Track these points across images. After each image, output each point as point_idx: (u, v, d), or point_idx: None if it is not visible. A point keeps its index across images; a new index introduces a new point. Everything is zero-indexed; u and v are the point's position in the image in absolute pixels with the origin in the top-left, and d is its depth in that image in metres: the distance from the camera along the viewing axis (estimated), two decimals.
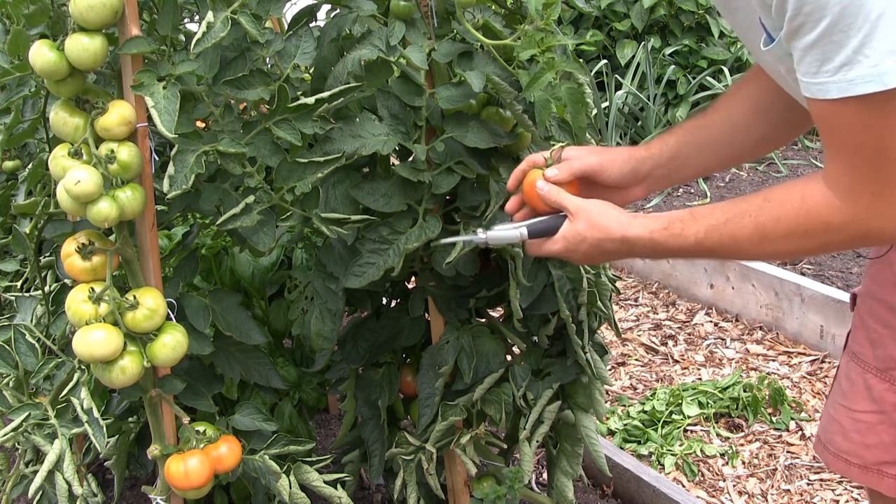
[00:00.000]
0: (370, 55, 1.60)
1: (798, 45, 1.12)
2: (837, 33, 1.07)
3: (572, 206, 1.42)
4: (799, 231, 1.23)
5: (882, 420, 1.47)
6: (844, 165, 1.17)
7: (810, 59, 1.11)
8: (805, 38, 1.10)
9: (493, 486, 1.96)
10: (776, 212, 1.24)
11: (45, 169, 1.92)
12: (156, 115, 1.44)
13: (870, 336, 1.48)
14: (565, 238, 1.42)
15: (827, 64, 1.10)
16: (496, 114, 1.74)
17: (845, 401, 1.52)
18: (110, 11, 1.44)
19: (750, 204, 1.28)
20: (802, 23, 1.09)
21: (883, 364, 1.46)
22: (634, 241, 1.37)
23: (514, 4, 1.74)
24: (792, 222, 1.23)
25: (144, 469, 2.02)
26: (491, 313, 1.95)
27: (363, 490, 2.53)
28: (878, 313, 1.47)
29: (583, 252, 1.42)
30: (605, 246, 1.39)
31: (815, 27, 1.08)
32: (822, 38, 1.09)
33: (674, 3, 5.19)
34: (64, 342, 1.87)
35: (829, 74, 1.10)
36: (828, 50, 1.09)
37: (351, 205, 1.66)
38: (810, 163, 4.76)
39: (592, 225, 1.39)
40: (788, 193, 1.24)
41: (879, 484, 1.49)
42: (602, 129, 4.80)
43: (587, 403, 1.91)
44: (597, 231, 1.39)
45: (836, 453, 1.54)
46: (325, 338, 1.77)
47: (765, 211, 1.25)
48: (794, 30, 1.11)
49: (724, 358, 3.31)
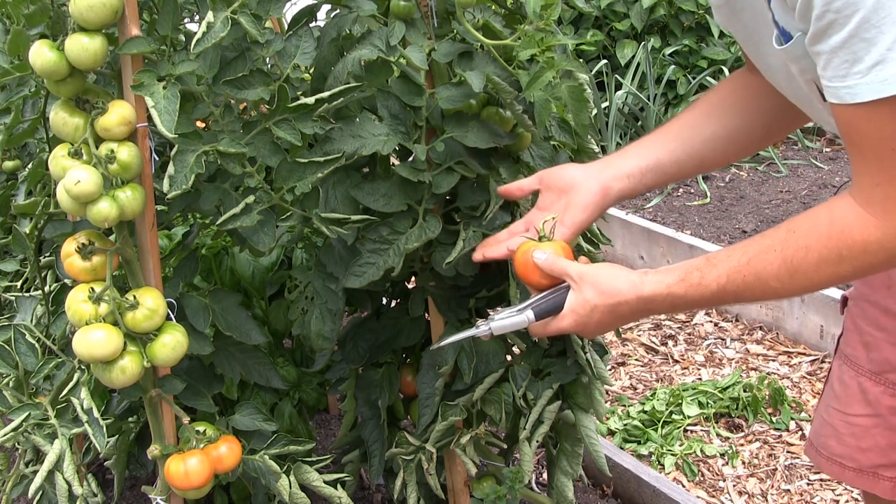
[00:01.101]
0: (370, 55, 1.60)
1: (825, 47, 1.06)
2: (870, 29, 1.01)
3: (576, 274, 1.33)
4: (832, 258, 1.13)
5: (877, 423, 1.46)
6: (878, 176, 1.09)
7: (839, 62, 1.05)
8: (833, 37, 1.04)
9: (493, 486, 1.96)
10: (804, 241, 1.15)
11: (45, 169, 1.91)
12: (156, 115, 1.44)
13: (863, 339, 1.47)
14: (574, 311, 1.32)
15: (857, 65, 1.04)
16: (496, 114, 1.74)
17: (839, 404, 1.51)
18: (110, 11, 1.44)
19: (773, 238, 1.19)
20: (832, 20, 1.04)
21: (878, 367, 1.45)
22: (651, 300, 1.27)
23: (514, 4, 1.74)
24: (823, 248, 1.13)
25: (144, 469, 2.02)
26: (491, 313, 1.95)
27: (363, 490, 2.53)
28: (871, 316, 1.46)
29: (596, 322, 1.31)
30: (619, 310, 1.29)
31: (845, 24, 1.02)
32: (852, 37, 1.03)
33: (674, 3, 5.19)
34: (64, 342, 1.87)
35: (859, 76, 1.04)
36: (858, 49, 1.03)
37: (351, 205, 1.65)
38: (810, 163, 4.75)
39: (601, 291, 1.29)
40: (814, 219, 1.16)
41: (875, 487, 1.49)
42: (602, 129, 4.80)
43: (587, 403, 1.91)
44: (607, 297, 1.29)
45: (830, 457, 1.53)
46: (325, 338, 1.77)
47: (791, 242, 1.16)
48: (822, 30, 1.05)
49: (724, 358, 3.31)
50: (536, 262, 1.37)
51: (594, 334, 1.36)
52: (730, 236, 4.06)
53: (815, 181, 4.56)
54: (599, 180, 1.45)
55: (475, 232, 1.67)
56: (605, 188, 1.45)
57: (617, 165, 1.47)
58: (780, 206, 4.31)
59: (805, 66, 1.15)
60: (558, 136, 1.73)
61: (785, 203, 4.34)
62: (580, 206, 1.44)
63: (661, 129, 1.52)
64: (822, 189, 4.43)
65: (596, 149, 1.77)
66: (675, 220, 4.26)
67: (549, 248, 1.39)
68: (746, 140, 1.50)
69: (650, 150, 1.48)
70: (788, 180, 4.60)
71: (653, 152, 1.48)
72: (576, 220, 1.44)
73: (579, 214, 1.44)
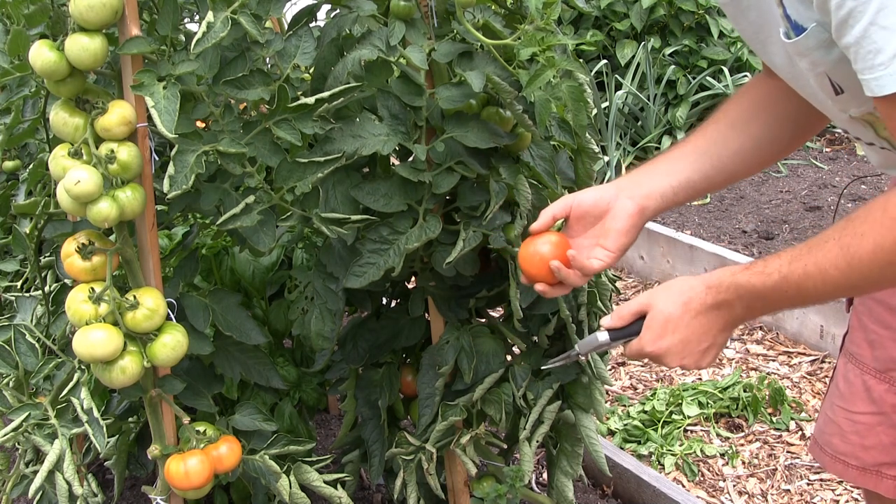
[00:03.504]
0: (370, 55, 1.60)
1: (850, 39, 1.04)
2: (889, 16, 1.00)
3: (644, 298, 1.32)
4: (888, 244, 1.11)
5: (881, 421, 1.46)
6: None
7: (864, 52, 1.03)
8: (856, 27, 1.02)
9: (493, 486, 1.96)
10: (859, 228, 1.14)
11: (45, 169, 1.92)
12: (156, 115, 1.44)
13: (868, 337, 1.48)
14: (647, 327, 1.31)
15: (880, 55, 1.02)
16: (496, 114, 1.74)
17: (843, 402, 1.51)
18: (110, 11, 1.44)
19: (832, 229, 1.19)
20: (851, 8, 1.02)
21: (882, 365, 1.46)
22: (717, 287, 1.26)
23: (514, 4, 1.74)
24: (877, 235, 1.12)
25: (144, 469, 2.02)
26: (491, 313, 1.95)
27: (363, 490, 2.53)
28: (877, 314, 1.46)
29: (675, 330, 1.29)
30: (691, 307, 1.28)
31: (864, 12, 1.01)
32: (871, 24, 1.01)
33: (674, 3, 5.19)
34: (64, 342, 1.87)
35: (883, 67, 1.02)
36: (879, 38, 1.01)
37: (351, 205, 1.65)
38: (810, 163, 4.75)
39: (670, 293, 1.29)
40: (869, 208, 1.15)
41: (878, 485, 1.49)
42: (602, 128, 4.80)
43: (587, 403, 1.91)
44: (677, 295, 1.29)
45: (834, 455, 1.53)
46: (325, 338, 1.77)
47: (847, 230, 1.16)
48: (843, 20, 1.04)
49: (724, 358, 3.31)
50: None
51: (682, 349, 1.30)
52: (730, 236, 4.06)
53: (815, 181, 4.55)
54: (635, 201, 1.43)
55: (475, 232, 1.67)
56: (641, 209, 1.43)
57: (648, 184, 1.45)
58: (780, 206, 4.31)
59: (817, 59, 1.14)
60: (558, 136, 1.73)
61: (785, 203, 4.34)
62: (620, 230, 1.42)
63: (687, 142, 1.50)
64: (823, 189, 4.42)
65: (596, 149, 1.77)
66: (675, 220, 4.26)
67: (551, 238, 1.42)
68: (774, 147, 1.49)
69: (679, 167, 1.46)
70: (788, 180, 4.60)
71: (683, 169, 1.46)
72: (619, 244, 1.42)
73: (621, 238, 1.42)
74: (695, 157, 1.47)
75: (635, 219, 1.42)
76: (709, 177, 1.46)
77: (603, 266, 1.42)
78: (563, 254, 1.41)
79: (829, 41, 1.11)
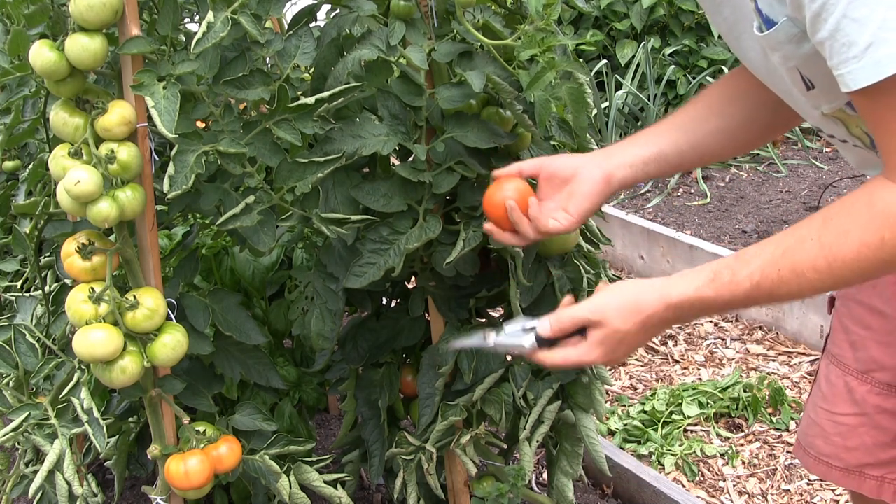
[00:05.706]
0: (370, 55, 1.60)
1: (824, 33, 1.03)
2: (860, 8, 0.99)
3: (591, 313, 1.25)
4: (874, 242, 1.06)
5: (863, 422, 1.46)
6: None
7: (838, 46, 1.02)
8: (829, 20, 1.01)
9: (495, 485, 1.96)
10: (843, 225, 1.08)
11: (45, 169, 1.92)
12: (156, 115, 1.44)
13: (850, 338, 1.48)
14: (601, 344, 1.25)
15: (853, 48, 1.00)
16: (496, 114, 1.74)
17: (826, 404, 1.51)
18: (110, 11, 1.44)
19: (808, 228, 1.12)
20: (823, 2, 1.01)
21: (864, 366, 1.46)
22: (679, 306, 1.20)
23: (514, 4, 1.74)
24: (864, 231, 1.06)
25: (144, 469, 2.02)
26: (491, 313, 1.95)
27: (363, 490, 2.53)
28: (858, 315, 1.47)
29: (627, 344, 1.24)
30: (649, 324, 1.22)
31: (835, 5, 1.00)
32: (843, 17, 1.00)
33: (674, 3, 5.19)
34: (64, 342, 1.87)
35: (856, 60, 1.00)
36: (851, 30, 1.00)
37: (351, 205, 1.66)
38: (810, 163, 4.75)
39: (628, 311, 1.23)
40: (851, 203, 1.09)
41: (861, 486, 1.49)
42: (602, 128, 4.80)
43: (587, 403, 1.91)
44: (635, 315, 1.22)
45: (818, 457, 1.53)
46: (325, 338, 1.77)
47: (829, 228, 1.10)
48: (815, 16, 1.03)
49: (724, 358, 3.31)
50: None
51: (625, 357, 1.28)
52: (730, 236, 4.06)
53: (815, 181, 4.55)
54: (602, 168, 1.44)
55: (475, 232, 1.67)
56: (608, 176, 1.44)
57: (619, 155, 1.46)
58: (780, 206, 4.31)
59: (789, 53, 1.14)
60: (558, 136, 1.73)
61: (785, 203, 4.34)
62: (584, 194, 1.43)
63: (664, 120, 1.51)
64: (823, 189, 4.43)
65: (595, 149, 1.77)
66: (675, 220, 4.26)
67: (517, 184, 1.47)
68: (748, 134, 1.49)
69: (653, 140, 1.48)
70: (788, 180, 4.60)
71: (656, 142, 1.47)
72: (581, 209, 1.43)
73: (584, 203, 1.43)
74: (671, 132, 1.48)
75: (601, 186, 1.43)
76: (682, 151, 1.47)
77: (560, 228, 1.43)
78: (523, 199, 1.45)
79: (800, 36, 1.10)
